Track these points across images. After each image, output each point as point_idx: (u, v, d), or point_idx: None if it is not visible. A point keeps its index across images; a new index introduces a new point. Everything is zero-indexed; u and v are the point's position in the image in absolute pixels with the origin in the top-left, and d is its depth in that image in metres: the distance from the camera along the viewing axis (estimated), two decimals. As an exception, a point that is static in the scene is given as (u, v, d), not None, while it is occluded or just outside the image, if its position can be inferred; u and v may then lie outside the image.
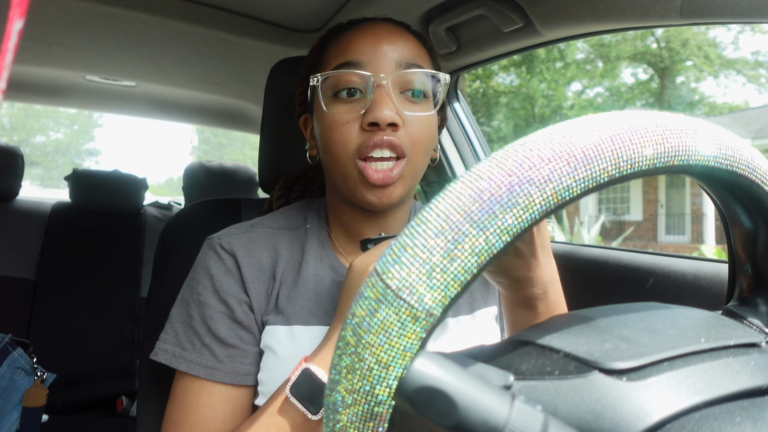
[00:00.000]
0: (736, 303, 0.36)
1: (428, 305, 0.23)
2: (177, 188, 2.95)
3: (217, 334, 0.63)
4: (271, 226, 0.71)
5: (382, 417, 0.24)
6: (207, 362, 0.62)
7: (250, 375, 0.63)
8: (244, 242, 0.67)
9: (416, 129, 0.63)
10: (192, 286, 0.66)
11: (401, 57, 0.64)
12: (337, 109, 0.63)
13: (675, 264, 0.95)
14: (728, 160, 0.29)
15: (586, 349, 0.27)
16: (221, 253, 0.66)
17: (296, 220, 0.73)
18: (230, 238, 0.68)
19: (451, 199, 0.24)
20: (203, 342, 0.63)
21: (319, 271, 0.68)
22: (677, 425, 0.23)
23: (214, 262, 0.66)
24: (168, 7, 1.21)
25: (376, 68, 0.63)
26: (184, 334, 0.64)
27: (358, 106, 0.63)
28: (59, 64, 1.64)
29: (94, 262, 1.86)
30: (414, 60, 0.65)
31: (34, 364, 1.43)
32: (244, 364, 0.63)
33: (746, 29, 13.61)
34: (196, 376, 0.62)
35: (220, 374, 0.62)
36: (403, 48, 0.65)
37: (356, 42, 0.65)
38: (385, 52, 0.63)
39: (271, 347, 0.63)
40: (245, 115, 2.19)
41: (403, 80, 0.63)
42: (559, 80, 13.96)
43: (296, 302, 0.65)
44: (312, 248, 0.69)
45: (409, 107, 0.63)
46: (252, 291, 0.65)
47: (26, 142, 24.31)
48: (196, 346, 0.63)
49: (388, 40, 0.64)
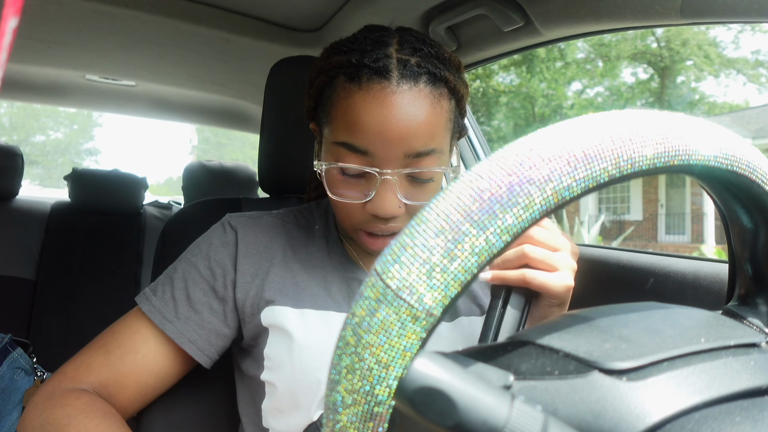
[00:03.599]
0: (736, 303, 0.36)
1: (428, 305, 0.23)
2: (177, 188, 2.95)
3: (189, 294, 0.66)
4: (282, 219, 0.75)
5: (382, 417, 0.24)
6: (166, 313, 0.65)
7: (195, 345, 0.65)
8: (251, 224, 0.71)
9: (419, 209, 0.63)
10: (192, 248, 0.70)
11: (412, 147, 0.58)
12: (340, 187, 0.62)
13: (675, 264, 0.95)
14: (728, 159, 0.29)
15: (586, 349, 0.27)
16: (226, 227, 0.71)
17: (306, 220, 0.76)
18: (240, 218, 0.72)
19: (451, 199, 0.24)
20: (173, 295, 0.66)
21: (328, 267, 0.70)
22: (677, 425, 0.23)
23: (217, 234, 0.70)
24: (168, 7, 1.20)
25: (383, 160, 0.59)
26: (162, 283, 0.68)
27: (363, 188, 0.61)
28: (59, 63, 1.63)
29: (93, 261, 1.86)
30: (426, 144, 0.59)
31: (34, 364, 1.43)
32: (196, 333, 0.65)
33: (746, 29, 13.60)
34: (150, 320, 0.65)
35: (171, 328, 0.64)
36: (415, 133, 0.58)
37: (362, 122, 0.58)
38: (393, 143, 0.58)
39: (280, 326, 0.65)
40: (245, 115, 2.19)
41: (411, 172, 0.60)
42: (559, 80, 13.96)
43: (307, 290, 0.67)
44: (321, 245, 0.72)
45: (413, 194, 0.61)
46: (240, 266, 0.67)
47: (26, 141, 24.31)
48: (165, 296, 0.66)
49: (397, 125, 0.57)
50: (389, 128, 0.57)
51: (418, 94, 0.58)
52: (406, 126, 0.57)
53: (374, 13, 1.10)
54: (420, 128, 0.58)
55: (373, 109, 0.57)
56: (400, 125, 0.57)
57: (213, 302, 0.66)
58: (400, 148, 0.58)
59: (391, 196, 0.59)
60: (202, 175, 2.13)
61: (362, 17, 1.12)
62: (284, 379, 0.63)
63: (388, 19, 1.10)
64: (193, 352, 0.65)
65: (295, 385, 0.62)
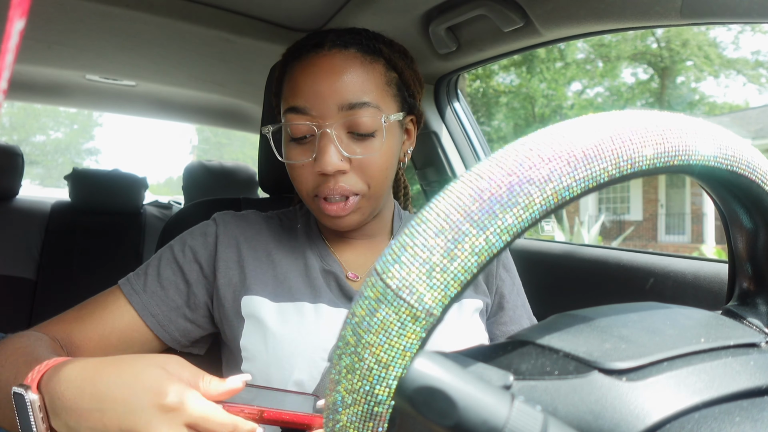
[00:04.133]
0: (736, 303, 0.36)
1: (428, 305, 0.23)
2: (177, 187, 2.95)
3: (159, 270, 0.70)
4: (266, 218, 0.78)
5: (382, 417, 0.24)
6: (135, 285, 0.69)
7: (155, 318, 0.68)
8: (235, 219, 0.75)
9: (368, 167, 0.66)
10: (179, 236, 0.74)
11: (343, 98, 0.63)
12: (292, 152, 0.67)
13: (675, 264, 0.95)
14: (728, 160, 0.29)
15: (586, 349, 0.27)
16: (210, 222, 0.75)
17: (290, 220, 0.79)
18: (225, 215, 0.76)
19: (451, 199, 0.24)
20: (146, 271, 0.70)
21: (308, 258, 0.73)
22: (677, 425, 0.23)
23: (200, 226, 0.74)
24: (168, 7, 1.20)
25: (319, 114, 0.64)
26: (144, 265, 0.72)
27: (310, 150, 0.66)
28: (59, 63, 1.63)
29: (93, 261, 1.86)
30: (358, 97, 0.64)
31: (33, 363, 1.43)
32: (158, 306, 0.68)
33: (746, 29, 13.61)
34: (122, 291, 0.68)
35: (135, 299, 0.67)
36: (346, 86, 0.64)
37: (300, 84, 0.65)
38: (326, 96, 0.63)
39: (256, 316, 0.67)
40: (245, 115, 2.19)
41: (348, 123, 0.64)
42: (559, 80, 13.96)
43: (285, 283, 0.70)
44: (302, 240, 0.75)
45: (357, 148, 0.65)
46: (221, 254, 0.71)
47: (26, 141, 24.32)
48: (139, 272, 0.70)
49: (329, 79, 0.64)
50: (321, 83, 0.64)
51: (347, 55, 0.66)
52: (336, 80, 0.64)
53: (374, 14, 1.10)
54: (350, 81, 0.64)
55: (307, 71, 0.65)
56: (331, 79, 0.64)
57: (180, 282, 0.69)
58: (333, 100, 0.63)
59: (332, 148, 0.63)
60: (203, 175, 2.13)
61: (362, 17, 1.12)
62: (261, 368, 0.65)
63: (388, 19, 1.10)
64: (153, 325, 0.67)
65: (271, 372, 0.64)
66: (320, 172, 0.64)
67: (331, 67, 0.65)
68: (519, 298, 0.82)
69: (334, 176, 0.64)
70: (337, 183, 0.65)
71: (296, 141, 0.67)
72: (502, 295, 0.80)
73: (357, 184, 0.66)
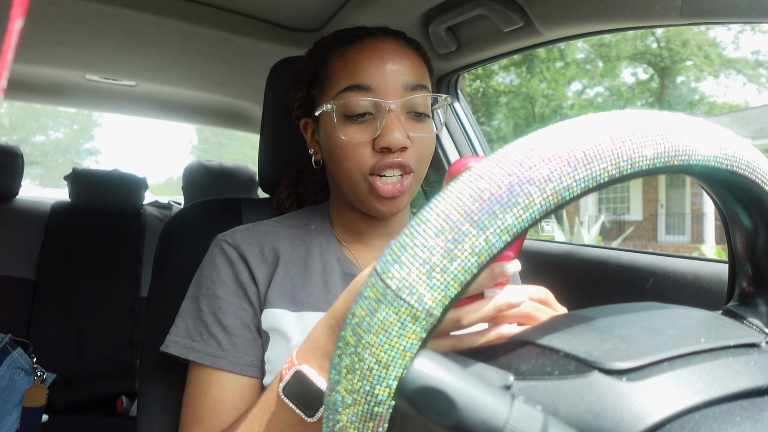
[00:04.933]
0: (736, 303, 0.36)
1: (428, 305, 0.23)
2: (177, 188, 2.94)
3: (223, 324, 0.66)
4: (274, 225, 0.75)
5: (382, 417, 0.24)
6: (213, 351, 0.65)
7: (253, 366, 0.65)
8: (246, 236, 0.72)
9: (422, 147, 0.69)
10: (200, 282, 0.69)
11: (408, 80, 0.67)
12: (349, 131, 0.67)
13: (675, 264, 0.95)
14: (728, 160, 0.29)
15: (586, 349, 0.27)
16: (225, 247, 0.70)
17: (300, 221, 0.77)
18: (234, 234, 0.72)
19: (451, 199, 0.24)
20: (210, 332, 0.66)
21: (326, 262, 0.71)
22: (677, 425, 0.23)
23: (219, 257, 0.70)
24: (168, 7, 1.20)
25: (385, 93, 0.66)
26: (194, 326, 0.67)
27: (370, 128, 0.67)
28: (59, 63, 1.63)
29: (93, 261, 1.86)
30: (418, 80, 0.68)
31: (33, 364, 1.43)
32: (248, 355, 0.65)
33: (746, 29, 13.60)
34: (204, 364, 0.65)
35: (224, 362, 0.64)
36: (408, 69, 0.68)
37: (364, 64, 0.67)
38: (394, 77, 0.67)
39: (278, 329, 0.65)
40: (245, 115, 2.19)
41: (410, 103, 0.67)
42: (559, 80, 13.96)
43: (304, 290, 0.68)
44: (317, 243, 0.73)
45: (415, 128, 0.68)
46: (258, 276, 0.68)
47: (26, 141, 24.31)
48: (204, 337, 0.66)
49: (394, 61, 0.67)
50: (386, 63, 0.67)
51: (400, 44, 0.70)
52: (400, 62, 0.68)
53: (374, 14, 1.10)
54: (409, 65, 0.68)
55: (370, 53, 0.68)
56: (395, 61, 0.67)
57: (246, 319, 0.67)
58: (399, 80, 0.67)
59: (398, 124, 0.66)
60: (202, 175, 2.13)
61: (362, 17, 1.12)
62: None
63: (388, 19, 1.10)
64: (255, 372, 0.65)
65: None
66: (386, 146, 0.65)
67: (395, 51, 0.68)
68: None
69: (395, 152, 0.66)
70: (397, 157, 0.66)
71: (353, 120, 0.67)
72: None
73: (413, 160, 0.67)
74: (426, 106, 0.69)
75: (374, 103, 0.66)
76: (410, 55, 0.70)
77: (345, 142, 0.67)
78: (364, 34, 0.70)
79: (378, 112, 0.67)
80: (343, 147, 0.67)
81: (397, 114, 0.66)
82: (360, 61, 0.67)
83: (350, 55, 0.69)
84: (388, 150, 0.65)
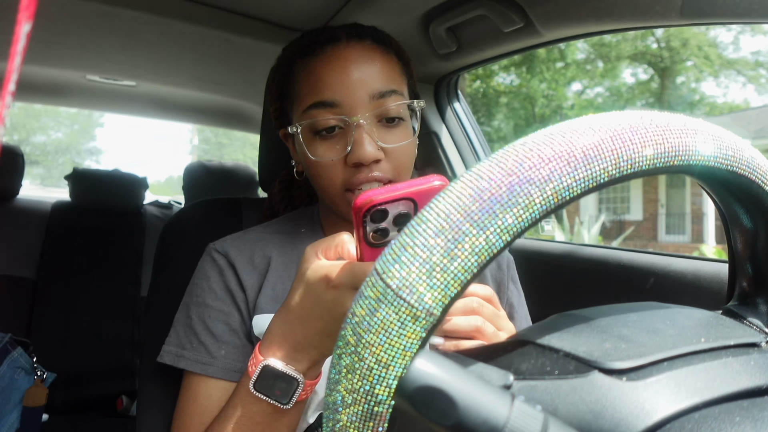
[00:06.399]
0: (736, 303, 0.36)
1: (428, 305, 0.23)
2: (177, 187, 2.95)
3: (212, 331, 0.66)
4: (265, 231, 0.75)
5: (382, 417, 0.24)
6: (202, 359, 0.65)
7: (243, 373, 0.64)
8: (236, 244, 0.72)
9: (399, 156, 0.66)
10: (192, 290, 0.70)
11: (375, 88, 0.64)
12: (319, 150, 0.65)
13: (675, 264, 0.95)
14: (728, 160, 0.29)
15: (586, 348, 0.27)
16: (215, 255, 0.70)
17: (289, 226, 0.76)
18: (224, 243, 0.72)
19: (451, 199, 0.24)
20: (200, 340, 0.66)
21: None
22: (677, 425, 0.23)
23: (209, 265, 0.70)
24: (168, 7, 1.20)
25: (351, 107, 0.63)
26: (184, 335, 0.67)
27: (341, 143, 0.64)
28: (60, 63, 1.63)
29: (94, 261, 1.86)
30: (387, 85, 0.65)
31: (34, 363, 1.43)
32: (237, 362, 0.65)
33: (746, 29, 13.60)
34: (194, 372, 0.65)
35: (214, 369, 0.65)
36: (376, 75, 0.65)
37: (326, 78, 0.64)
38: (359, 87, 0.63)
39: None
40: (245, 115, 2.19)
41: (379, 112, 0.64)
42: (559, 80, 13.95)
43: None
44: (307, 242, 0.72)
45: (388, 136, 0.65)
46: (246, 282, 0.68)
47: (26, 141, 24.32)
48: (194, 345, 0.66)
49: (360, 69, 0.64)
50: (349, 74, 0.64)
51: (366, 46, 0.66)
52: (364, 70, 0.64)
53: (374, 14, 1.10)
54: (376, 71, 0.65)
55: (331, 64, 0.64)
56: (359, 71, 0.64)
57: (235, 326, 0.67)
58: (364, 90, 0.63)
59: (369, 139, 0.63)
60: (203, 175, 2.13)
61: (362, 18, 1.12)
62: None
63: (388, 19, 1.10)
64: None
65: None
66: (357, 162, 0.63)
67: (357, 58, 0.65)
68: (523, 309, 0.83)
69: (368, 166, 0.63)
70: (372, 172, 0.64)
71: (322, 137, 0.65)
72: (512, 306, 0.81)
73: (389, 171, 0.65)
74: (398, 111, 0.66)
75: (341, 119, 0.64)
76: (378, 58, 0.66)
77: (315, 162, 0.65)
78: (326, 41, 0.66)
79: (347, 126, 0.64)
80: (315, 165, 0.66)
81: (367, 127, 0.63)
82: (322, 76, 0.64)
83: (312, 68, 0.66)
84: (361, 164, 0.63)
